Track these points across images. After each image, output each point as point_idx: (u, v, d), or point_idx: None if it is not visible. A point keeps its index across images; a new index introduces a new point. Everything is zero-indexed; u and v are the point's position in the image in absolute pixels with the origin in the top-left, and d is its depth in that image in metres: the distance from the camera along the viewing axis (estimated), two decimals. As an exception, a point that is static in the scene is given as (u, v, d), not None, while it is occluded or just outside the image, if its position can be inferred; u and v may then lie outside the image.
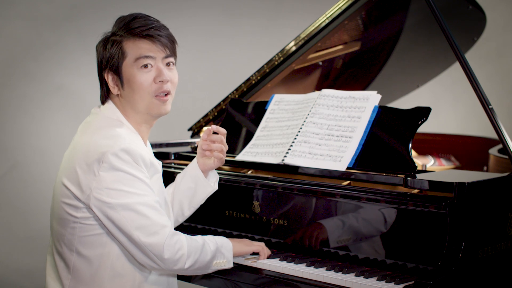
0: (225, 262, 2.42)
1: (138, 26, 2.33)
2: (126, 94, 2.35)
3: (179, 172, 2.92)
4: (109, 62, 2.34)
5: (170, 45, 2.38)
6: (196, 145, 3.23)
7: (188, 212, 2.63)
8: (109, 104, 2.39)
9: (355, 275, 2.32)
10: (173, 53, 2.39)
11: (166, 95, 2.37)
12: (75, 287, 2.31)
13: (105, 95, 2.40)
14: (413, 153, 3.15)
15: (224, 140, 2.59)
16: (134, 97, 2.34)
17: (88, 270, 2.30)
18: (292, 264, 2.45)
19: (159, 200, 2.35)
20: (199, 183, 2.60)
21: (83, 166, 2.24)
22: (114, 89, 2.36)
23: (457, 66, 2.94)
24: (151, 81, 2.34)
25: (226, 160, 2.87)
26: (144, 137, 2.43)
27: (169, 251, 2.25)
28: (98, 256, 2.29)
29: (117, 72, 2.34)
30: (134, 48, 2.33)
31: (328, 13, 3.14)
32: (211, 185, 2.62)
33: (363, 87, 3.84)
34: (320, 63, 3.52)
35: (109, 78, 2.36)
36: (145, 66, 2.33)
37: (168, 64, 2.38)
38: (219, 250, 2.40)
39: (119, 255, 2.31)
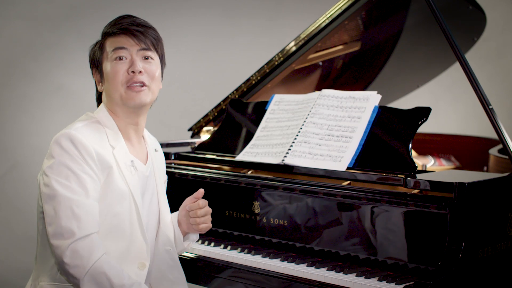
0: None
1: (118, 24, 2.34)
2: (106, 88, 2.36)
3: (179, 172, 2.92)
4: (93, 60, 2.38)
5: (151, 41, 2.35)
6: (196, 145, 3.23)
7: None
8: (100, 107, 2.40)
9: (356, 275, 2.32)
10: (154, 48, 2.36)
11: (142, 86, 2.33)
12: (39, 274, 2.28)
13: (97, 97, 2.44)
14: (413, 153, 3.15)
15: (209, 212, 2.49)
16: (109, 88, 2.33)
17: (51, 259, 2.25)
18: (293, 264, 2.45)
19: (93, 203, 2.20)
20: (176, 243, 2.51)
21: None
22: (99, 87, 2.39)
23: (457, 66, 2.94)
24: (124, 72, 2.31)
25: (226, 160, 2.87)
26: (131, 138, 2.39)
27: (68, 258, 2.13)
28: None
29: (99, 68, 2.37)
30: (112, 42, 2.34)
31: (328, 13, 3.14)
32: (184, 246, 2.53)
33: (363, 87, 3.84)
34: (320, 63, 3.52)
35: (96, 77, 2.40)
36: (120, 58, 2.32)
37: (146, 58, 2.34)
38: None
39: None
